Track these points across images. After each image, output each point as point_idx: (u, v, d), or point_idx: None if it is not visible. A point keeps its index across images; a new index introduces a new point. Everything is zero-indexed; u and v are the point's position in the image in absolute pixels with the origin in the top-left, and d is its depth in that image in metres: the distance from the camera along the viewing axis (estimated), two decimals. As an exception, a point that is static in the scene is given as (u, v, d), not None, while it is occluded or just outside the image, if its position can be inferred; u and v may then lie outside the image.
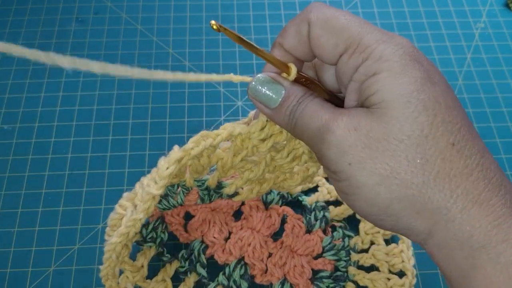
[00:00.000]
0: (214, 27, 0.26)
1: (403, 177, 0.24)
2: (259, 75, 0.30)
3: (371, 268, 0.44)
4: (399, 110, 0.25)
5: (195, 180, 0.37)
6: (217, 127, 0.54)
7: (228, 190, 0.38)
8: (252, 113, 0.39)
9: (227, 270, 0.44)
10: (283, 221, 0.47)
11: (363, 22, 0.27)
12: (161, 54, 0.60)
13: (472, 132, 0.25)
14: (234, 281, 0.43)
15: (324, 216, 0.46)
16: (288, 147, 0.35)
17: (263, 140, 0.33)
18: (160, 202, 0.38)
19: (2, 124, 0.54)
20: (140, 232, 0.44)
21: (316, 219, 0.46)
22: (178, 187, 0.39)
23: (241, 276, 0.43)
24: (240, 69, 0.59)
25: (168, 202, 0.39)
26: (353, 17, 0.27)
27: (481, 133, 0.28)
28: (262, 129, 0.32)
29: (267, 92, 0.29)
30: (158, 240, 0.44)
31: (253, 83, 0.30)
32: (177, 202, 0.40)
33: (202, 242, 0.45)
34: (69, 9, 0.64)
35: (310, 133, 0.28)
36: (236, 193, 0.39)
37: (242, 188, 0.39)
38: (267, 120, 0.32)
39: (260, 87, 0.30)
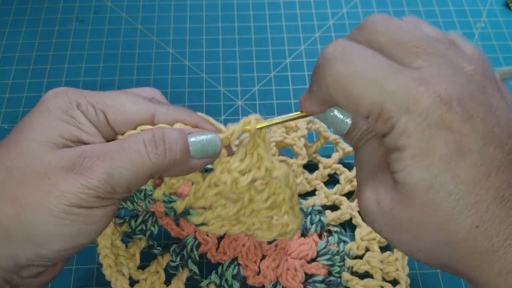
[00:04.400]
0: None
1: (428, 253, 0.26)
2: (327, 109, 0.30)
3: (365, 275, 0.44)
4: (421, 196, 0.24)
5: (163, 194, 0.35)
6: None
7: (195, 220, 0.36)
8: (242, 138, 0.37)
9: (219, 269, 0.44)
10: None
11: (385, 75, 0.24)
12: (161, 53, 0.60)
13: (504, 203, 0.23)
14: (226, 280, 0.43)
15: (320, 220, 0.46)
16: (269, 189, 0.33)
17: (242, 173, 0.32)
18: (125, 201, 0.37)
19: (2, 123, 0.54)
20: (129, 224, 0.43)
21: (311, 223, 0.46)
22: (143, 193, 0.36)
23: (234, 276, 0.43)
24: (240, 69, 0.59)
25: (132, 204, 0.38)
26: (371, 71, 0.24)
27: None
28: (242, 160, 0.32)
29: (337, 116, 0.29)
30: (148, 233, 0.44)
31: (327, 112, 0.29)
32: (142, 208, 0.38)
33: (195, 238, 0.45)
34: (69, 9, 0.64)
35: (357, 176, 0.30)
36: (202, 223, 0.37)
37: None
38: (246, 153, 0.32)
39: (334, 113, 0.29)
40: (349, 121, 0.29)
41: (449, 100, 0.23)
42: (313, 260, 0.45)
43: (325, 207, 0.48)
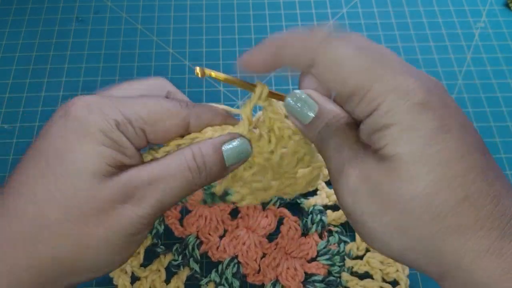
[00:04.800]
0: (199, 75, 0.30)
1: (413, 232, 0.25)
2: (296, 90, 0.31)
3: (365, 276, 0.44)
4: (409, 168, 0.24)
5: None
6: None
7: (233, 199, 0.37)
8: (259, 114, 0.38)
9: (220, 267, 0.44)
10: (280, 223, 0.47)
11: (371, 63, 0.26)
12: (161, 53, 0.60)
13: (488, 176, 0.24)
14: (226, 279, 0.43)
15: (321, 220, 0.46)
16: (291, 151, 0.34)
17: (272, 152, 0.33)
18: None
19: (2, 123, 0.54)
20: None
21: (312, 223, 0.46)
22: None
23: (233, 275, 0.44)
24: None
25: None
26: (361, 57, 0.26)
27: (481, 132, 0.27)
28: (268, 141, 0.33)
29: (302, 108, 0.30)
30: (154, 231, 0.45)
31: (289, 98, 0.31)
32: (180, 201, 0.39)
33: (197, 237, 0.45)
34: (69, 9, 0.64)
35: (331, 166, 0.29)
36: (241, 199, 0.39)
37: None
38: (269, 133, 0.33)
39: (294, 103, 0.30)
40: (312, 113, 0.30)
41: (429, 88, 0.25)
42: (313, 259, 0.45)
43: (326, 207, 0.48)
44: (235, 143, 0.31)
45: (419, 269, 0.27)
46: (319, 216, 0.46)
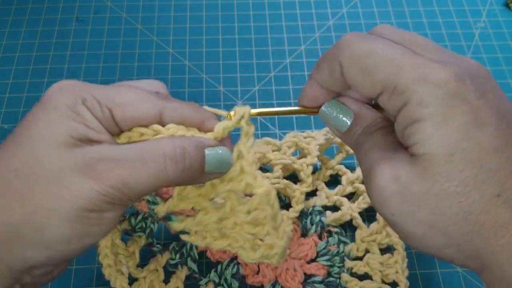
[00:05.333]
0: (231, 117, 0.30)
1: (447, 231, 0.25)
2: (332, 100, 0.31)
3: (364, 277, 0.44)
4: (442, 165, 0.24)
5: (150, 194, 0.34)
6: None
7: (175, 226, 0.35)
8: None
9: (219, 267, 0.44)
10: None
11: (401, 54, 0.25)
12: (161, 53, 0.60)
13: None
14: (225, 279, 0.43)
15: (320, 220, 0.46)
16: (252, 203, 0.32)
17: (222, 180, 0.31)
18: None
19: (2, 123, 0.54)
20: (129, 221, 0.43)
21: (312, 223, 0.46)
22: None
23: (233, 275, 0.43)
24: (240, 69, 0.59)
25: None
26: (389, 49, 0.25)
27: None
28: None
29: (338, 115, 0.30)
30: (148, 230, 0.43)
31: (323, 107, 0.31)
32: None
33: None
34: (69, 9, 0.64)
35: (362, 167, 0.29)
36: (184, 230, 0.36)
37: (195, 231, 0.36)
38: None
39: (330, 111, 0.30)
40: (349, 120, 0.30)
41: (463, 76, 0.24)
42: (312, 260, 0.45)
43: (326, 208, 0.48)
44: (219, 150, 0.30)
45: (458, 264, 0.27)
46: (318, 217, 0.46)
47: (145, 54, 0.60)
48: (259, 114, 0.32)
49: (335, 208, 0.48)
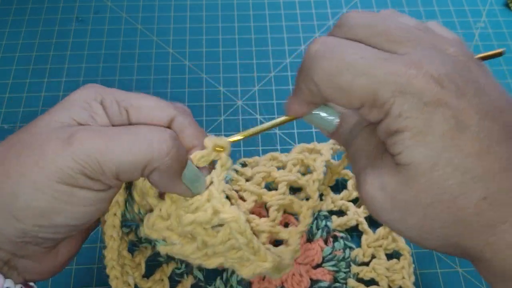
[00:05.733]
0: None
1: (439, 234, 0.25)
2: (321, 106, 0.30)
3: (371, 282, 0.44)
4: (426, 175, 0.24)
5: (138, 209, 0.34)
6: (217, 127, 0.54)
7: (161, 249, 0.34)
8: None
9: (224, 275, 0.43)
10: (285, 225, 0.46)
11: (374, 63, 0.24)
12: (161, 53, 0.60)
13: (508, 174, 0.24)
14: (231, 286, 0.43)
15: (326, 225, 0.46)
16: (224, 232, 0.31)
17: (186, 211, 0.30)
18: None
19: (2, 123, 0.54)
20: (135, 232, 0.43)
21: (317, 228, 0.45)
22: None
23: (238, 282, 0.43)
24: (240, 69, 0.59)
25: (130, 214, 0.36)
26: (360, 60, 0.24)
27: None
28: (188, 210, 0.30)
29: (325, 117, 0.30)
30: (154, 241, 0.43)
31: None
32: (131, 216, 0.36)
33: None
34: (69, 9, 0.64)
35: (353, 171, 0.29)
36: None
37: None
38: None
39: (317, 113, 0.30)
40: (335, 120, 0.30)
41: (440, 78, 0.23)
42: (318, 265, 0.45)
43: (332, 213, 0.47)
44: (199, 172, 0.30)
45: (457, 256, 0.27)
46: (324, 222, 0.46)
47: (145, 54, 0.60)
48: (244, 137, 0.31)
49: (341, 213, 0.48)
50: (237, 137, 0.31)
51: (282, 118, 0.30)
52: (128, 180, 0.31)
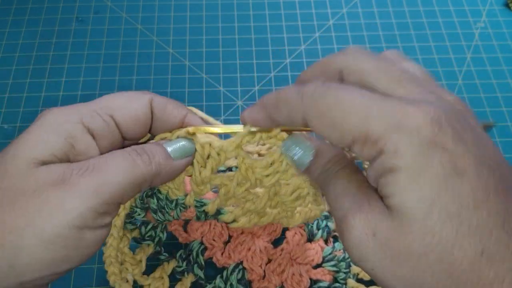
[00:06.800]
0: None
1: (429, 287, 0.23)
2: (295, 133, 0.30)
3: (370, 283, 0.44)
4: (420, 221, 0.22)
5: (194, 200, 0.36)
6: (217, 127, 0.54)
7: (225, 218, 0.37)
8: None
9: (224, 273, 0.44)
10: (285, 228, 0.47)
11: (369, 101, 0.23)
12: (161, 53, 0.60)
13: (505, 228, 0.22)
14: (231, 285, 0.43)
15: (326, 226, 0.46)
16: (294, 185, 0.34)
17: (268, 175, 0.33)
18: (155, 213, 0.38)
19: (2, 123, 0.54)
20: (139, 229, 0.44)
21: (318, 229, 0.46)
22: (175, 202, 0.37)
23: (238, 281, 0.43)
24: (240, 69, 0.59)
25: (164, 215, 0.38)
26: (355, 98, 0.24)
27: (481, 133, 0.27)
28: (267, 166, 0.32)
29: (297, 153, 0.30)
30: (157, 239, 0.44)
31: (285, 141, 0.30)
32: (173, 217, 0.39)
33: (201, 243, 0.45)
34: (69, 9, 0.64)
35: (334, 214, 0.27)
36: (233, 220, 0.38)
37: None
38: (274, 161, 0.32)
39: (289, 147, 0.30)
40: (308, 158, 0.29)
41: (439, 120, 0.22)
42: (318, 265, 0.45)
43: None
44: (180, 142, 0.32)
45: None
46: (324, 222, 0.46)
47: (145, 54, 0.60)
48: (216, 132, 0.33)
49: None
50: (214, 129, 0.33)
51: (238, 128, 0.31)
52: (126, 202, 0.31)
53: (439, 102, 0.24)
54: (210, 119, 0.34)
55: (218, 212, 0.37)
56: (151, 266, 0.44)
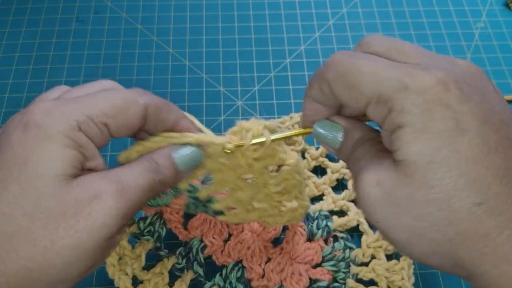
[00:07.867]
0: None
1: (431, 238, 0.24)
2: (323, 120, 0.32)
3: (370, 283, 0.44)
4: (421, 172, 0.24)
5: (188, 184, 0.37)
6: (217, 127, 0.54)
7: (216, 206, 0.38)
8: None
9: (224, 271, 0.44)
10: (285, 227, 0.47)
11: (382, 66, 0.26)
12: (161, 53, 0.60)
13: (505, 183, 0.23)
14: (230, 283, 0.43)
15: (326, 225, 0.46)
16: (281, 175, 0.36)
17: (257, 159, 0.34)
18: None
19: (2, 123, 0.54)
20: (138, 225, 0.44)
21: (318, 228, 0.46)
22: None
23: (238, 279, 0.43)
24: (240, 69, 0.59)
25: (154, 199, 0.39)
26: (371, 64, 0.26)
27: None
28: (256, 150, 0.33)
29: (329, 134, 0.31)
30: (156, 235, 0.44)
31: (315, 126, 0.31)
32: (163, 202, 0.39)
33: (201, 241, 0.45)
34: (69, 9, 0.64)
35: (352, 174, 0.29)
36: (221, 212, 0.39)
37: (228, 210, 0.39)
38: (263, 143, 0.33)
39: (321, 130, 0.31)
40: (340, 137, 0.31)
41: (446, 81, 0.24)
42: (318, 265, 0.45)
43: (332, 213, 0.47)
44: (188, 151, 0.32)
45: (446, 272, 0.26)
46: (324, 222, 0.46)
47: (145, 54, 0.60)
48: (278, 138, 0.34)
49: (341, 213, 0.48)
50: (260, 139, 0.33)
51: (295, 132, 0.33)
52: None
53: (451, 67, 0.26)
54: (204, 128, 0.34)
55: (210, 200, 0.38)
56: (151, 265, 0.44)
